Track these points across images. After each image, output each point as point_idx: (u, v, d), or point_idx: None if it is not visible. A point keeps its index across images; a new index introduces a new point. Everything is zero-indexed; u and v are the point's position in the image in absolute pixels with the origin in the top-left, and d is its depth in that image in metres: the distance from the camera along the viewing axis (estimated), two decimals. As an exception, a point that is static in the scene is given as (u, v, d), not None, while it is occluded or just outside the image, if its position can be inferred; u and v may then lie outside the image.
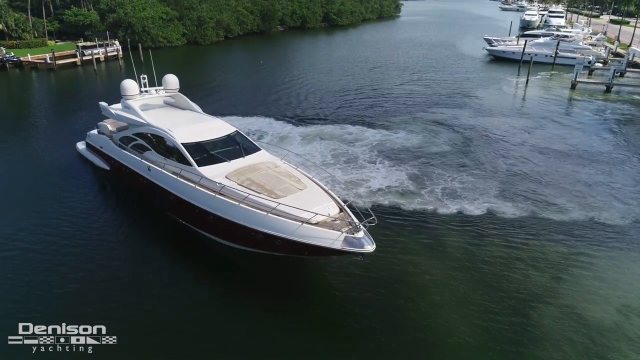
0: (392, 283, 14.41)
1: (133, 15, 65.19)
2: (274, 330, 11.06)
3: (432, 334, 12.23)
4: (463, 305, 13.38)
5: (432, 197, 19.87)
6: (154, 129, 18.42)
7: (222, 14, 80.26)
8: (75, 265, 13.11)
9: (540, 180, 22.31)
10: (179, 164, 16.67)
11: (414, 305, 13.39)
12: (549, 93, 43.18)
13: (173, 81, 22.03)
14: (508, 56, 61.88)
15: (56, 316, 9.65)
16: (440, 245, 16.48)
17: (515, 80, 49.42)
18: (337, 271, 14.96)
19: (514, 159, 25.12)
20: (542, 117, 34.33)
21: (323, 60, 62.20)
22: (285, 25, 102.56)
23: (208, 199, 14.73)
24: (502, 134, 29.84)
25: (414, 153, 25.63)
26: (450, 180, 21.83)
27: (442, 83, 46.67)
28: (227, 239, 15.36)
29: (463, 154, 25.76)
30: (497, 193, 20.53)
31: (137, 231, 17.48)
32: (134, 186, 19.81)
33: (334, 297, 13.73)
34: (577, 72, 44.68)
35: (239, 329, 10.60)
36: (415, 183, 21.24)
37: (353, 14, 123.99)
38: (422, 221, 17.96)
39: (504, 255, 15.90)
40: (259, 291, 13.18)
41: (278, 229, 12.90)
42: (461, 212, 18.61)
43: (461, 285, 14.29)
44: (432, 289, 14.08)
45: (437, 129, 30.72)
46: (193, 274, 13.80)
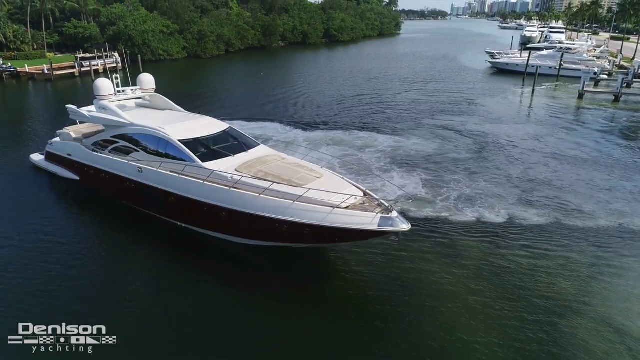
0: (407, 290, 13.02)
1: (133, 28, 64.92)
2: (276, 331, 10.44)
3: (450, 345, 10.89)
4: (483, 315, 11.96)
5: (448, 204, 18.45)
6: (141, 129, 17.09)
7: (223, 28, 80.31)
8: (75, 266, 12.88)
9: (559, 186, 20.88)
10: (178, 162, 15.47)
11: (431, 314, 12.01)
12: (557, 102, 42.23)
13: (149, 80, 20.59)
14: (511, 68, 61.20)
15: (56, 316, 9.51)
16: (459, 253, 15.03)
17: (521, 90, 48.59)
18: (350, 276, 13.67)
19: (529, 165, 23.77)
20: (553, 124, 33.22)
21: (325, 72, 61.65)
22: (286, 41, 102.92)
23: (221, 194, 13.87)
24: (514, 140, 28.61)
25: (426, 159, 24.32)
26: (466, 186, 20.44)
27: (447, 92, 45.85)
28: (242, 235, 14.59)
29: (477, 160, 24.47)
30: (516, 199, 19.10)
31: (133, 235, 16.42)
32: (117, 192, 18.09)
33: (345, 298, 12.60)
34: (584, 81, 43.87)
35: (239, 328, 10.16)
36: (431, 190, 19.87)
37: (354, 31, 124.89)
38: (439, 228, 16.53)
39: (527, 264, 14.42)
40: (260, 291, 12.50)
41: (308, 217, 12.42)
42: (480, 220, 17.18)
43: (481, 294, 12.84)
44: (450, 297, 12.70)
45: (447, 135, 29.58)
46: (193, 274, 13.27)
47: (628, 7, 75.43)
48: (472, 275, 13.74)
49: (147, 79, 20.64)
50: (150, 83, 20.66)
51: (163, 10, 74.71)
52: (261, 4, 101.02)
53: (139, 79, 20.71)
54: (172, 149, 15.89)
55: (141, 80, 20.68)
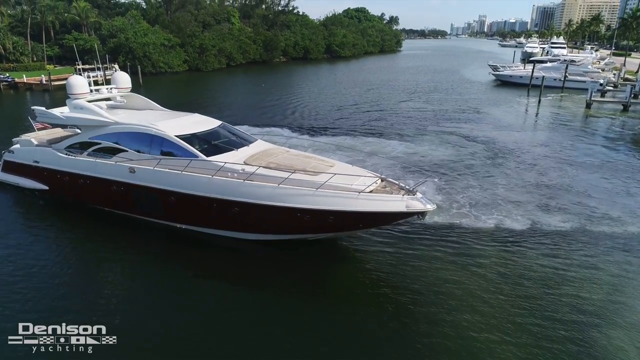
0: (421, 296, 11.69)
1: (134, 40, 64.67)
2: (279, 331, 9.97)
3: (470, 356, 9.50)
4: (503, 324, 10.60)
5: (465, 210, 17.15)
6: (129, 127, 15.80)
7: (224, 42, 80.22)
8: (75, 266, 12.74)
9: (579, 191, 19.57)
10: (178, 159, 14.38)
11: (447, 320, 10.66)
12: (565, 111, 41.35)
13: (124, 79, 19.14)
14: (515, 80, 60.48)
15: (56, 316, 9.45)
16: (477, 260, 13.67)
17: (526, 100, 47.68)
18: (362, 278, 12.45)
19: (543, 171, 22.49)
20: (563, 131, 32.20)
21: (327, 83, 61.10)
22: (287, 56, 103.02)
23: (235, 187, 13.21)
24: (525, 147, 27.48)
25: (438, 165, 23.08)
26: (482, 192, 19.14)
27: (451, 102, 45.02)
28: (256, 230, 14.03)
29: (490, 166, 23.22)
30: (535, 205, 17.76)
31: (128, 237, 15.33)
32: (101, 198, 16.52)
33: (358, 299, 11.66)
34: (592, 91, 43.00)
35: (240, 328, 9.82)
36: (446, 196, 18.54)
37: (355, 46, 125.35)
38: (456, 235, 15.18)
39: (551, 272, 13.08)
40: (263, 289, 12.00)
41: (333, 204, 12.15)
42: (498, 226, 15.82)
43: (501, 303, 11.47)
44: (468, 306, 11.31)
45: (457, 141, 28.46)
46: (193, 273, 12.85)
47: (630, 20, 75.14)
48: (491, 283, 12.37)
49: (123, 77, 19.17)
50: (126, 82, 19.16)
51: (165, 24, 74.74)
52: (263, 20, 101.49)
53: (113, 77, 19.22)
54: (170, 146, 14.76)
55: (116, 79, 19.12)
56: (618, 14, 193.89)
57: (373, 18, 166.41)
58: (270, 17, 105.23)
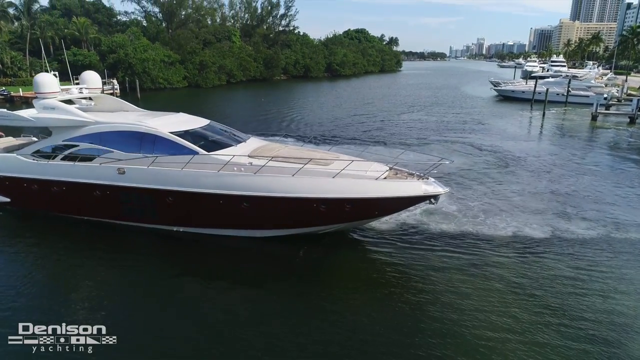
0: (435, 310, 10.28)
1: (134, 56, 64.47)
2: (280, 332, 9.46)
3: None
4: (523, 340, 9.16)
5: (480, 218, 15.77)
6: (114, 126, 14.56)
7: (225, 59, 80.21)
8: (75, 267, 12.47)
9: (597, 199, 18.28)
10: (178, 156, 13.40)
11: (462, 337, 9.24)
12: (570, 123, 40.46)
13: (95, 79, 17.31)
14: (517, 95, 59.80)
15: (56, 316, 9.38)
16: (493, 269, 12.30)
17: (529, 114, 46.81)
18: (374, 285, 10.99)
19: (557, 179, 21.21)
20: (571, 142, 31.16)
21: (328, 98, 60.65)
22: (288, 74, 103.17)
23: (245, 181, 12.63)
24: (535, 155, 26.33)
25: (448, 172, 21.72)
26: (496, 199, 17.83)
27: (455, 114, 44.26)
28: (266, 226, 13.47)
29: (502, 174, 21.97)
30: (553, 213, 16.41)
31: (129, 237, 14.60)
32: (79, 206, 14.99)
33: (370, 304, 10.27)
34: (597, 103, 42.15)
35: (241, 328, 9.46)
36: (460, 204, 17.18)
37: (355, 65, 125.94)
38: (470, 243, 13.83)
39: (574, 283, 11.70)
40: (262, 289, 11.46)
41: (352, 191, 12.05)
42: (517, 234, 14.46)
43: (521, 317, 10.06)
44: (485, 319, 9.92)
45: (465, 150, 27.36)
46: (193, 273, 12.41)
47: (630, 37, 75.03)
48: (508, 294, 11.01)
49: (92, 77, 17.35)
50: (96, 82, 17.38)
51: (165, 40, 74.85)
52: (263, 39, 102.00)
53: (82, 77, 17.42)
54: (164, 143, 13.70)
55: (86, 79, 17.25)
56: (615, 35, 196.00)
57: (373, 39, 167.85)
58: (271, 36, 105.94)
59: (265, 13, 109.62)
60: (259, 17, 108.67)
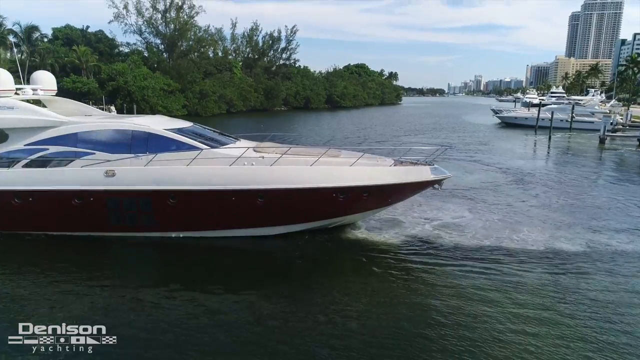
0: (452, 332, 8.29)
1: (133, 84, 64.33)
2: (281, 333, 8.92)
3: None
4: None
5: (505, 233, 13.93)
6: (94, 125, 12.92)
7: (225, 89, 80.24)
8: (75, 266, 11.99)
9: (627, 212, 16.55)
10: (180, 153, 12.36)
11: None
12: (578, 145, 39.24)
13: (50, 79, 15.11)
14: (520, 122, 59.00)
15: (56, 316, 9.22)
16: (530, 287, 10.48)
17: (534, 138, 45.65)
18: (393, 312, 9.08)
19: (578, 194, 19.49)
20: (583, 161, 29.82)
21: (329, 126, 59.73)
22: (288, 105, 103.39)
23: (262, 174, 12.06)
24: (548, 172, 24.92)
25: (463, 188, 20.05)
26: (517, 215, 16.01)
27: (459, 137, 43.46)
28: (280, 221, 12.75)
29: (519, 189, 20.16)
30: (583, 227, 14.45)
31: (120, 241, 13.51)
32: (48, 220, 12.96)
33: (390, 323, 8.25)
34: (605, 125, 41.05)
35: (241, 328, 9.12)
36: (480, 218, 15.42)
37: (356, 98, 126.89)
38: (499, 259, 12.00)
39: (621, 300, 9.82)
40: (263, 290, 10.94)
41: (370, 179, 12.10)
42: (548, 247, 12.59)
43: (555, 339, 8.13)
44: (513, 340, 7.99)
45: (474, 167, 25.73)
46: (193, 273, 11.95)
47: (631, 65, 75.05)
48: (540, 315, 9.12)
49: (46, 77, 15.13)
50: (51, 83, 15.13)
51: (165, 69, 75.12)
52: (264, 71, 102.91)
53: (33, 77, 15.06)
54: (160, 142, 12.47)
55: (39, 79, 14.95)
56: (611, 71, 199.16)
57: (373, 73, 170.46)
58: (273, 69, 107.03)
59: (267, 47, 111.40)
60: (260, 51, 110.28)
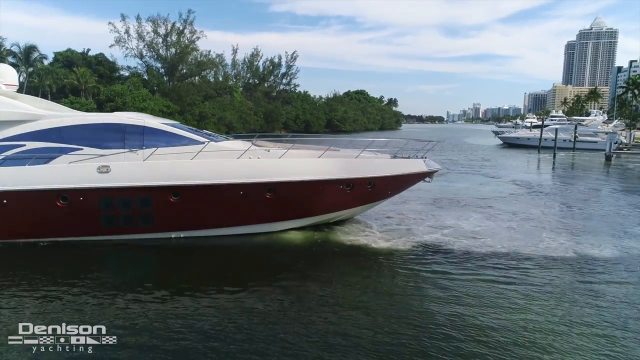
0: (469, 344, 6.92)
1: (132, 105, 63.98)
2: (282, 333, 8.39)
3: None
4: None
5: (530, 238, 12.75)
6: (78, 119, 12.02)
7: (225, 112, 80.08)
8: (75, 266, 11.80)
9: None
10: (183, 147, 11.86)
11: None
12: (584, 162, 38.24)
13: (11, 74, 13.57)
14: (523, 142, 58.27)
15: (56, 316, 9.01)
16: (555, 294, 9.26)
17: (538, 156, 44.60)
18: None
19: (598, 204, 18.41)
20: (594, 175, 28.82)
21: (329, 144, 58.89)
22: (288, 128, 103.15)
23: (272, 166, 11.85)
24: (560, 185, 24.09)
25: (476, 198, 18.88)
26: (537, 222, 14.75)
27: (462, 155, 42.41)
28: (286, 216, 12.50)
29: (533, 200, 18.98)
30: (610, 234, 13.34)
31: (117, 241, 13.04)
32: (27, 226, 11.84)
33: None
34: (611, 142, 40.15)
35: (242, 328, 8.58)
36: (497, 224, 14.30)
37: (356, 122, 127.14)
38: (525, 267, 10.84)
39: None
40: (264, 289, 10.60)
41: (374, 171, 12.36)
42: (578, 254, 11.31)
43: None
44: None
45: (482, 181, 24.66)
46: (193, 273, 11.71)
47: (631, 87, 74.90)
48: (574, 323, 7.77)
49: (8, 70, 13.67)
50: (13, 77, 13.56)
51: (165, 92, 75.14)
52: (264, 96, 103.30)
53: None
54: (155, 135, 11.82)
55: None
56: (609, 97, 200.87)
57: (373, 99, 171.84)
58: (273, 95, 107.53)
59: (267, 72, 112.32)
60: (260, 76, 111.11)
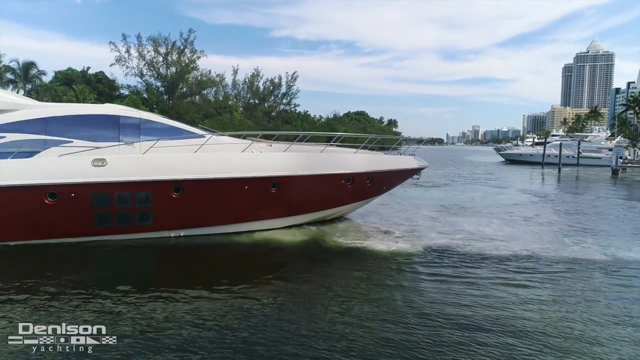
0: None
1: (130, 122, 63.60)
2: (282, 333, 7.74)
3: None
4: None
5: (552, 242, 11.88)
6: (66, 110, 11.35)
7: (224, 129, 79.84)
8: (75, 266, 11.39)
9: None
10: (184, 139, 11.39)
11: None
12: (591, 176, 37.33)
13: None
14: (525, 159, 57.58)
15: (56, 316, 8.68)
16: (584, 297, 8.32)
17: (542, 171, 43.74)
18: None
19: (614, 211, 17.48)
20: (604, 186, 27.98)
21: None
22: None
23: (277, 160, 11.65)
24: (569, 194, 23.14)
25: (488, 206, 17.97)
26: (566, 225, 14.00)
27: (465, 170, 41.57)
28: (289, 212, 12.28)
29: (545, 207, 18.17)
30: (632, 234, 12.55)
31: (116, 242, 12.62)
32: (11, 226, 10.98)
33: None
34: (617, 155, 39.34)
35: (242, 329, 8.05)
36: (517, 229, 13.46)
37: (356, 141, 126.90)
38: (555, 269, 10.01)
39: None
40: (265, 290, 10.09)
41: (374, 166, 12.62)
42: (614, 258, 10.35)
43: None
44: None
45: (490, 190, 23.85)
46: (193, 273, 11.26)
47: (632, 104, 74.67)
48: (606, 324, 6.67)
49: None
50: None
51: (164, 110, 74.95)
52: (265, 115, 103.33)
53: None
54: (153, 128, 11.34)
55: None
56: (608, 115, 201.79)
57: (373, 120, 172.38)
58: (273, 115, 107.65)
59: (267, 92, 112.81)
60: (261, 96, 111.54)
